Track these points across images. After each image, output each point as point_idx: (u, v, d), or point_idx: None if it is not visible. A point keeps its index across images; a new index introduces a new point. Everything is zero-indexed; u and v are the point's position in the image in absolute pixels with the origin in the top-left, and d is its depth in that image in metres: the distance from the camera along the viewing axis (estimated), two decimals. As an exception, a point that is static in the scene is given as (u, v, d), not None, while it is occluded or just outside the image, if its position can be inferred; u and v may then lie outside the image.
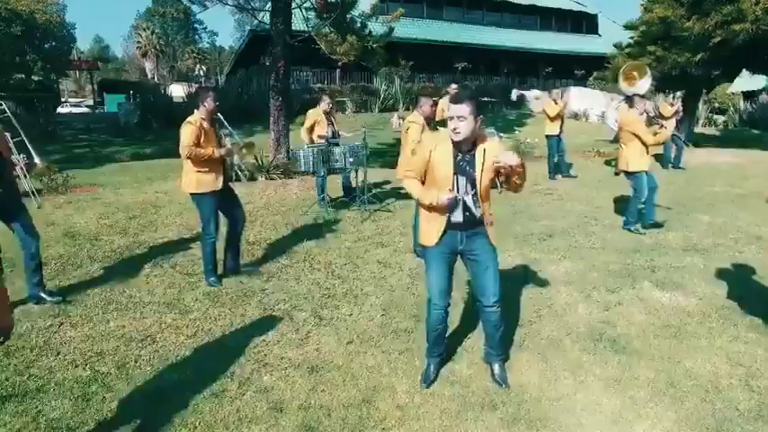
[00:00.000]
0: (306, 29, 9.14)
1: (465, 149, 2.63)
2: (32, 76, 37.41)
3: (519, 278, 4.35)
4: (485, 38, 26.09)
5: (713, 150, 12.34)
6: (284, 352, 3.20)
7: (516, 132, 14.48)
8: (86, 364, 3.00)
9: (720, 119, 20.50)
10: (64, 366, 2.98)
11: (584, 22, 30.17)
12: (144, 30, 50.30)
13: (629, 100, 7.83)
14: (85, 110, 34.30)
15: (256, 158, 8.95)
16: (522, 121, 20.45)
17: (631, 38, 12.75)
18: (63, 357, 3.08)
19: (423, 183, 2.76)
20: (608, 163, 10.88)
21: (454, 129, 2.53)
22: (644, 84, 7.68)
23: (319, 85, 22.58)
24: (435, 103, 5.01)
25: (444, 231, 2.70)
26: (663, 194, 6.26)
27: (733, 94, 22.71)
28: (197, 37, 64.11)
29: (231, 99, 17.36)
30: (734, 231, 5.57)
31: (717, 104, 21.88)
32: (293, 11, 8.49)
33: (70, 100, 44.58)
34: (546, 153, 9.37)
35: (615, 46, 13.45)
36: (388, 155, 12.08)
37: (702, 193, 7.65)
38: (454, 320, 3.54)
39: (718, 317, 3.53)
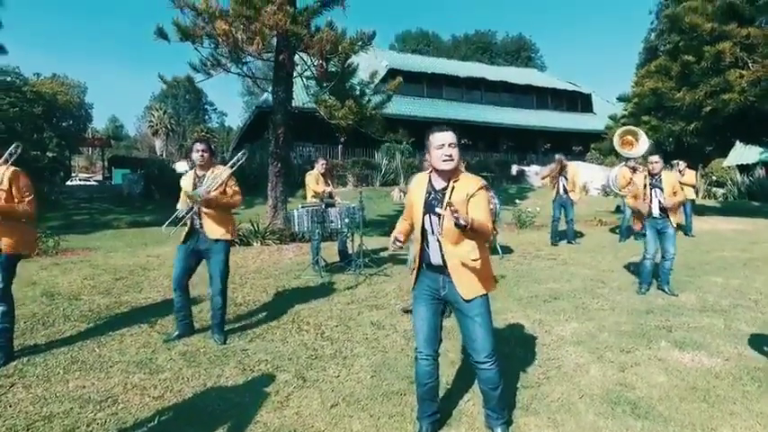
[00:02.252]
0: (306, 99, 9.39)
1: (439, 186, 2.46)
2: (47, 153, 38.73)
3: (523, 338, 4.00)
4: (484, 116, 27.01)
5: (717, 218, 12.20)
6: (260, 415, 2.82)
7: (516, 203, 14.50)
8: (28, 430, 2.62)
9: (720, 191, 20.62)
10: (1, 432, 2.60)
11: (579, 101, 31.37)
12: (157, 110, 52.70)
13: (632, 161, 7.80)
14: (94, 184, 35.00)
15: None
16: (522, 195, 20.59)
17: (625, 110, 13.11)
18: (2, 423, 2.70)
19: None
20: (613, 231, 10.72)
21: (449, 155, 2.37)
22: (642, 146, 7.67)
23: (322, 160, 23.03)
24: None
25: (419, 271, 2.54)
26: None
27: (728, 167, 23.05)
28: (207, 117, 67.07)
29: (234, 170, 17.65)
30: (752, 293, 5.24)
31: (714, 177, 22.12)
32: (294, 80, 8.78)
33: (81, 175, 45.79)
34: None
35: (610, 118, 13.81)
36: (387, 225, 12.01)
37: (712, 257, 7.37)
38: (451, 380, 3.18)
39: (752, 379, 3.15)
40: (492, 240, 7.09)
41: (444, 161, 2.38)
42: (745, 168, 22.48)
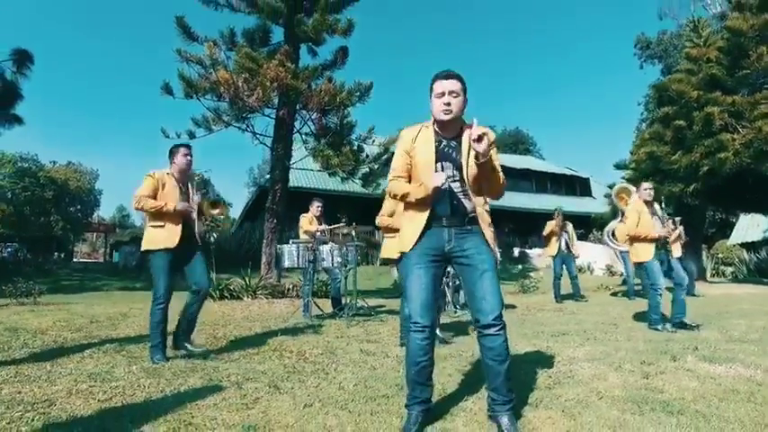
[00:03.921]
0: (304, 153, 9.48)
1: (450, 135, 2.27)
2: (51, 234, 38.96)
3: (530, 359, 3.54)
4: (483, 198, 27.26)
5: (729, 285, 11.75)
6: (221, 414, 2.37)
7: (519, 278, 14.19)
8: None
9: (728, 269, 20.19)
10: None
11: (577, 185, 31.85)
12: (164, 197, 53.59)
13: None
14: (92, 266, 34.69)
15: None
16: (526, 274, 20.18)
17: (623, 177, 13.22)
18: None
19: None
20: (615, 294, 10.27)
21: (447, 105, 2.19)
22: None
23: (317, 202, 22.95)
24: None
25: (428, 226, 2.21)
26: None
27: (733, 246, 22.79)
28: (213, 205, 68.13)
29: (233, 248, 17.63)
30: (780, 329, 4.79)
31: (720, 256, 21.79)
32: (293, 136, 8.92)
33: (81, 260, 45.61)
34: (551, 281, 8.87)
35: (609, 187, 13.88)
36: (384, 294, 11.63)
37: (731, 309, 6.91)
38: (447, 386, 2.74)
39: (800, 384, 2.69)
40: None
41: (444, 109, 2.20)
42: (750, 247, 22.21)
